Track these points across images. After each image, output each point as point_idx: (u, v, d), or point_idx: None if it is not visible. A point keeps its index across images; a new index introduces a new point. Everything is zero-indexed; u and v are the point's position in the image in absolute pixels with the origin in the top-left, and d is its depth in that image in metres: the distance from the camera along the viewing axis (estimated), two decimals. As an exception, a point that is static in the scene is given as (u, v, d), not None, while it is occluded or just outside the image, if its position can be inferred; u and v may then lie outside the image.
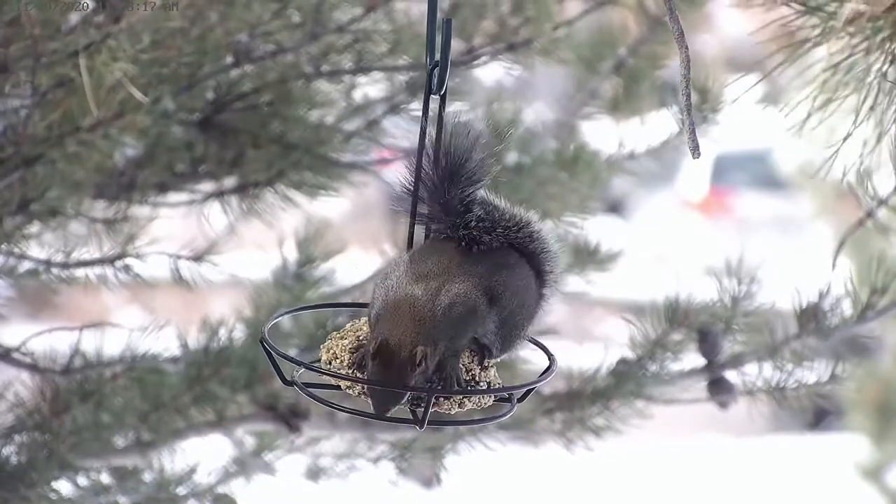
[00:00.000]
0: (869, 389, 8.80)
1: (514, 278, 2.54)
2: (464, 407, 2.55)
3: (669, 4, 2.48)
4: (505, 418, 2.60)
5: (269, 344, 2.53)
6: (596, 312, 11.94)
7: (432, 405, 2.46)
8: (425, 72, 2.50)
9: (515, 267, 2.55)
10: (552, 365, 2.59)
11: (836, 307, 3.65)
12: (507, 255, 2.56)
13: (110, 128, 3.24)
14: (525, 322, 2.57)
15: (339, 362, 2.56)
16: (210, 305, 4.90)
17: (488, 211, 2.55)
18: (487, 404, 2.59)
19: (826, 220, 9.64)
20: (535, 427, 3.87)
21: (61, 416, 3.59)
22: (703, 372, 3.77)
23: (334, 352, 2.58)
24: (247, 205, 3.86)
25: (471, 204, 2.54)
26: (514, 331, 2.55)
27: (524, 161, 4.04)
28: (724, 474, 10.94)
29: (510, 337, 2.55)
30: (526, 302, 2.56)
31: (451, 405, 2.53)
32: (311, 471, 4.25)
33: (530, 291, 2.57)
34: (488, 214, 2.55)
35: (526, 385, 2.57)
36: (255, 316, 3.92)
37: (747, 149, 14.77)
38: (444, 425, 2.84)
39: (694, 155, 2.48)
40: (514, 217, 2.57)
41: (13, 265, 3.55)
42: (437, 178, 2.52)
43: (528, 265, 2.58)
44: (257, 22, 3.57)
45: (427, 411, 2.44)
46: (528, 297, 2.56)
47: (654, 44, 4.13)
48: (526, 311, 2.56)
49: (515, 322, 2.55)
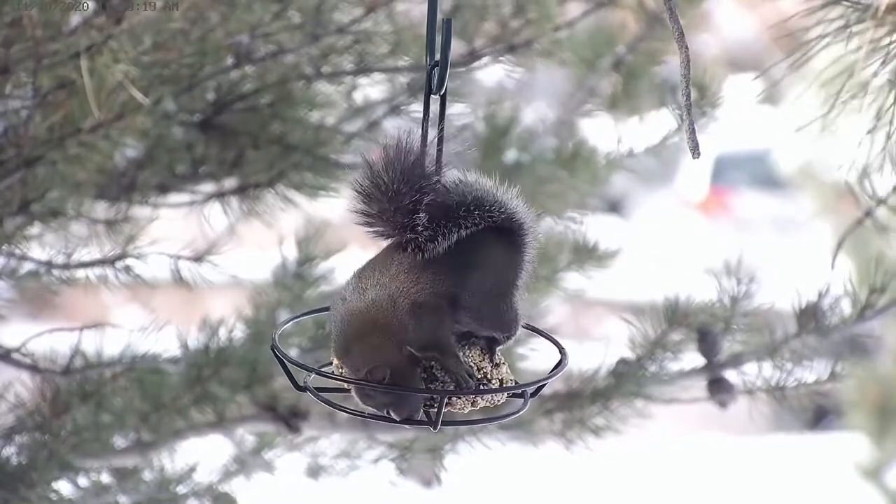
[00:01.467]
0: (869, 389, 8.80)
1: (475, 263, 2.49)
2: (477, 406, 2.55)
3: (669, 4, 2.48)
4: (519, 415, 2.59)
5: (280, 351, 2.53)
6: (596, 312, 11.94)
7: (445, 405, 2.46)
8: (425, 72, 2.50)
9: (475, 246, 2.49)
10: (563, 360, 2.58)
11: (836, 306, 3.65)
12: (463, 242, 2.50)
13: (111, 129, 3.25)
14: (509, 291, 2.51)
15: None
16: (210, 305, 4.90)
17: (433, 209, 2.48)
18: (501, 402, 2.58)
19: (826, 220, 9.64)
20: (535, 427, 3.87)
21: (61, 417, 3.59)
22: (702, 372, 3.77)
23: None
24: (247, 206, 3.87)
25: (414, 206, 2.47)
26: (502, 305, 2.51)
27: (523, 159, 4.04)
28: (723, 474, 10.94)
29: (501, 312, 2.51)
30: (501, 273, 2.50)
31: (465, 404, 2.52)
32: (311, 470, 4.25)
33: (502, 259, 2.51)
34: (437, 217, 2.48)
35: (538, 381, 2.56)
36: (255, 316, 3.93)
37: (747, 149, 14.77)
38: (459, 425, 2.84)
39: (694, 155, 2.48)
40: (461, 202, 2.49)
41: (14, 266, 3.55)
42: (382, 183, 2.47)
43: (490, 237, 2.50)
44: (258, 23, 3.57)
45: (440, 412, 2.43)
46: (500, 266, 2.50)
47: (653, 41, 4.13)
48: (505, 281, 2.51)
49: (500, 296, 2.50)
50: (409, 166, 2.47)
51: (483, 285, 2.49)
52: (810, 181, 9.50)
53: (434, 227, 2.47)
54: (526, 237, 2.54)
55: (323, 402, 2.57)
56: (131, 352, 3.64)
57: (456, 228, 2.49)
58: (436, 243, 2.48)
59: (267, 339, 3.77)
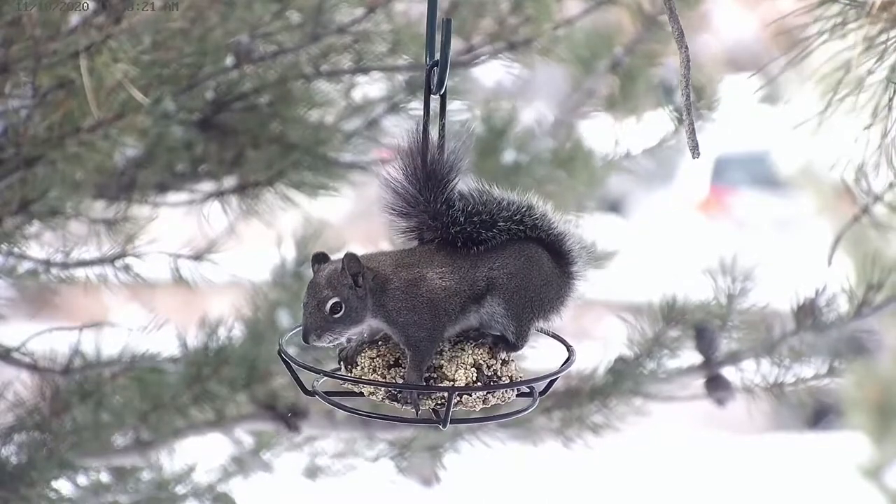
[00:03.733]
0: (868, 389, 8.79)
1: (510, 263, 2.54)
2: (488, 403, 2.55)
3: (669, 4, 2.48)
4: (528, 411, 2.60)
5: (287, 356, 2.54)
6: (595, 311, 11.94)
7: (455, 404, 2.47)
8: (424, 71, 2.50)
9: (529, 248, 2.56)
10: (571, 356, 2.60)
11: (833, 304, 3.66)
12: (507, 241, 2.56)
13: (111, 128, 3.25)
14: (539, 305, 2.57)
15: (360, 369, 2.56)
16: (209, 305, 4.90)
17: (482, 201, 2.55)
18: (511, 399, 2.59)
19: (825, 220, 9.63)
20: (535, 425, 3.87)
21: (61, 416, 3.59)
22: (700, 369, 3.78)
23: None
24: (246, 205, 3.87)
25: (451, 200, 2.54)
26: (528, 308, 2.56)
27: (521, 159, 4.05)
28: (723, 472, 10.93)
29: (525, 313, 2.56)
30: (532, 285, 2.56)
31: (476, 402, 2.53)
32: (309, 469, 4.26)
33: (549, 271, 2.57)
34: (483, 205, 2.55)
35: (547, 376, 2.58)
36: (254, 315, 3.93)
37: (747, 149, 14.76)
38: (468, 423, 2.85)
39: (694, 154, 2.49)
40: (511, 204, 2.58)
41: (13, 265, 3.55)
42: (414, 188, 2.53)
43: (535, 247, 2.58)
44: (258, 23, 3.57)
45: (448, 410, 2.44)
46: (535, 280, 2.56)
47: (650, 43, 4.14)
48: (543, 291, 2.57)
49: (530, 301, 2.55)
50: (428, 171, 2.50)
51: (525, 277, 2.55)
52: (810, 181, 9.50)
53: (475, 222, 2.54)
54: (574, 269, 2.62)
55: (334, 405, 2.58)
56: (131, 351, 3.65)
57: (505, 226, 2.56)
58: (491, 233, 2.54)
59: (266, 339, 3.78)
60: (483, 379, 2.53)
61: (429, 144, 2.51)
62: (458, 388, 2.48)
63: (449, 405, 2.44)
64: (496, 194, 2.58)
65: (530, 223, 2.57)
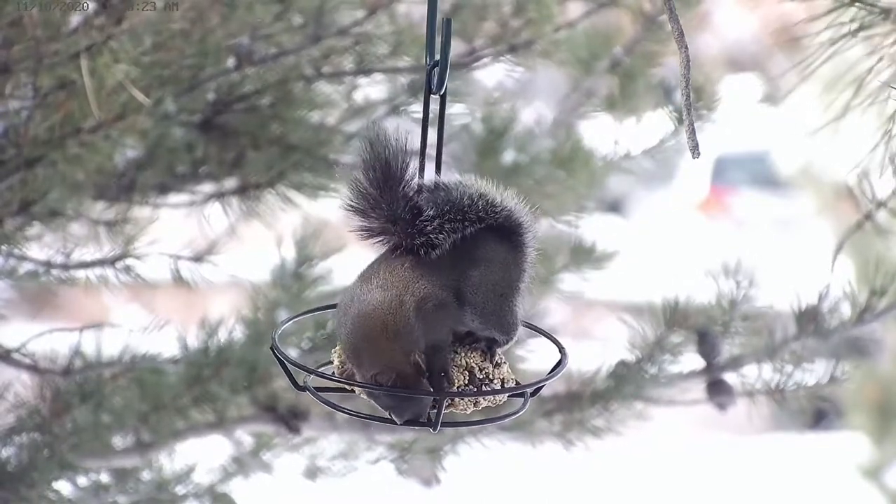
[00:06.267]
0: (869, 389, 8.80)
1: (478, 258, 2.51)
2: (479, 406, 2.55)
3: (669, 4, 2.48)
4: (518, 415, 2.59)
5: (279, 351, 2.53)
6: (595, 312, 11.94)
7: (446, 406, 2.46)
8: (425, 72, 2.50)
9: (477, 246, 2.51)
10: (563, 359, 2.59)
11: (836, 308, 3.65)
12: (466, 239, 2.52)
13: (111, 129, 3.25)
14: (511, 292, 2.53)
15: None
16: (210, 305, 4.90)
17: (440, 205, 2.50)
18: (503, 401, 2.59)
19: (826, 221, 9.63)
20: (535, 428, 3.87)
21: (61, 417, 3.59)
22: (701, 374, 3.77)
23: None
24: (247, 206, 3.87)
25: (417, 206, 2.49)
26: (504, 305, 2.53)
27: (521, 160, 4.04)
28: (723, 474, 10.93)
29: (503, 312, 2.53)
30: (504, 271, 2.52)
31: (467, 405, 2.53)
32: (309, 470, 4.26)
33: (505, 258, 2.53)
34: (440, 210, 2.50)
35: (538, 381, 2.56)
36: (255, 316, 3.93)
37: (747, 149, 14.77)
38: (459, 426, 2.84)
39: (694, 155, 2.48)
40: (463, 197, 2.51)
41: (14, 266, 3.55)
42: (373, 193, 2.48)
43: (491, 236, 2.53)
44: (259, 24, 3.57)
45: (440, 414, 2.44)
46: (502, 264, 2.52)
47: (650, 43, 4.13)
48: (507, 280, 2.52)
49: (503, 296, 2.52)
50: (390, 175, 2.47)
51: (487, 282, 2.51)
52: (810, 181, 9.50)
53: (440, 225, 2.49)
54: (525, 237, 2.56)
55: (322, 402, 2.57)
56: (131, 352, 3.64)
57: (461, 225, 2.50)
58: (442, 240, 2.49)
59: (266, 340, 3.77)
60: (475, 382, 2.53)
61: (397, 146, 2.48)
62: (449, 392, 2.48)
63: (440, 409, 2.44)
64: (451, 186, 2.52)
65: (474, 217, 2.52)
